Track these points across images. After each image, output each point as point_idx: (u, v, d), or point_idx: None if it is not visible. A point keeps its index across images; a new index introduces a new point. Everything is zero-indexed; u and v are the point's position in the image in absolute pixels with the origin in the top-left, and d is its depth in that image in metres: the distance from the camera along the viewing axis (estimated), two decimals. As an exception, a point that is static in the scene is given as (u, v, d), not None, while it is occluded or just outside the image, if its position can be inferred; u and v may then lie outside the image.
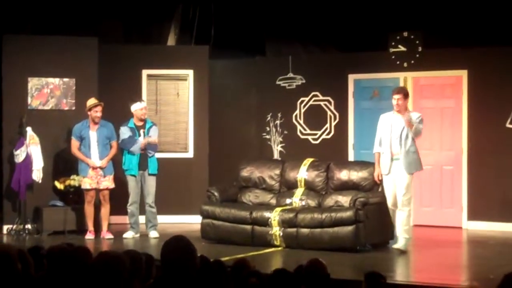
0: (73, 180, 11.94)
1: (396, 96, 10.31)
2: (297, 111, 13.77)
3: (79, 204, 11.98)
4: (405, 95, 10.38)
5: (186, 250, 4.54)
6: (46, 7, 12.56)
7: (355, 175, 10.92)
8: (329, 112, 13.58)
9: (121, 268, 4.50)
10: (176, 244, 4.56)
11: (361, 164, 11.19)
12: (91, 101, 11.80)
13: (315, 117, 13.63)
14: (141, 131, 11.88)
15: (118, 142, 11.91)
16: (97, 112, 11.75)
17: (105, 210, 11.80)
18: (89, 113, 11.77)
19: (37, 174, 11.93)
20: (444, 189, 12.87)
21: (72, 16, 12.93)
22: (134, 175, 11.80)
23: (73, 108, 12.50)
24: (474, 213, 12.54)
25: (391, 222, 10.98)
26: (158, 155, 12.02)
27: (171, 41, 14.26)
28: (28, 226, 11.94)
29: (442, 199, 12.87)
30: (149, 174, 11.82)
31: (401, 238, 10.25)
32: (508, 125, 12.29)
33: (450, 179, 12.81)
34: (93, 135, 11.80)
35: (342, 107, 13.46)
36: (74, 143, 11.84)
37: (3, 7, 12.38)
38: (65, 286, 4.82)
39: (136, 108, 11.92)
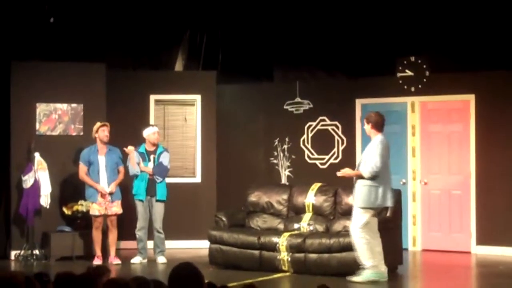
0: (81, 206, 11.94)
1: None
2: (305, 136, 13.78)
3: (87, 229, 11.97)
4: (367, 121, 10.16)
5: (193, 277, 4.53)
6: (54, 33, 12.62)
7: (363, 200, 10.85)
8: (336, 137, 13.58)
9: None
10: (184, 271, 4.56)
11: (369, 188, 11.14)
12: (97, 124, 11.86)
13: (323, 142, 13.63)
14: (152, 157, 11.91)
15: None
16: (104, 131, 11.79)
17: (113, 235, 11.79)
18: (96, 135, 11.81)
19: (45, 200, 11.93)
20: (452, 214, 12.82)
21: (80, 42, 12.98)
22: (141, 200, 11.80)
23: (81, 133, 12.52)
24: (483, 238, 12.49)
25: (400, 247, 10.96)
26: (166, 179, 12.02)
27: (178, 66, 14.31)
28: (36, 251, 11.93)
29: (451, 224, 12.82)
30: (157, 200, 11.82)
31: (362, 270, 9.97)
32: (516, 149, 12.28)
33: (458, 203, 12.77)
34: (101, 159, 11.82)
35: (349, 132, 13.45)
36: (82, 168, 11.85)
37: (11, 34, 12.44)
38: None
39: (148, 132, 11.97)
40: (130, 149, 11.77)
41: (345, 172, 10.20)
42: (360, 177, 9.98)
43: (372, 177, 9.86)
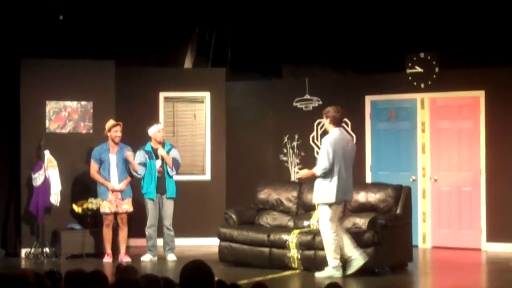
0: (91, 203, 11.96)
1: None
2: (314, 133, 13.76)
3: (97, 227, 11.99)
4: (326, 116, 10.32)
5: (203, 275, 4.53)
6: (63, 31, 12.63)
7: (373, 197, 10.85)
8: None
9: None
10: (194, 269, 4.56)
11: (378, 185, 11.14)
12: (110, 122, 11.87)
13: (332, 139, 13.58)
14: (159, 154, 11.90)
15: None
16: (117, 132, 11.80)
17: (123, 233, 11.80)
18: (108, 134, 11.82)
19: (55, 198, 11.95)
20: (462, 211, 12.79)
21: (89, 39, 12.99)
22: (152, 199, 11.81)
23: (91, 131, 12.54)
24: (493, 235, 12.46)
25: (410, 244, 10.94)
26: (176, 177, 12.03)
27: (188, 63, 14.30)
28: (46, 249, 11.95)
29: (461, 221, 12.79)
30: (167, 198, 11.83)
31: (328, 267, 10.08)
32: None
33: (468, 200, 12.74)
34: (112, 158, 11.83)
35: (359, 129, 13.42)
36: (94, 166, 11.87)
37: (21, 32, 12.46)
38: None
39: (154, 130, 11.95)
40: (129, 154, 11.76)
41: (301, 174, 10.50)
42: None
43: (324, 174, 10.06)
